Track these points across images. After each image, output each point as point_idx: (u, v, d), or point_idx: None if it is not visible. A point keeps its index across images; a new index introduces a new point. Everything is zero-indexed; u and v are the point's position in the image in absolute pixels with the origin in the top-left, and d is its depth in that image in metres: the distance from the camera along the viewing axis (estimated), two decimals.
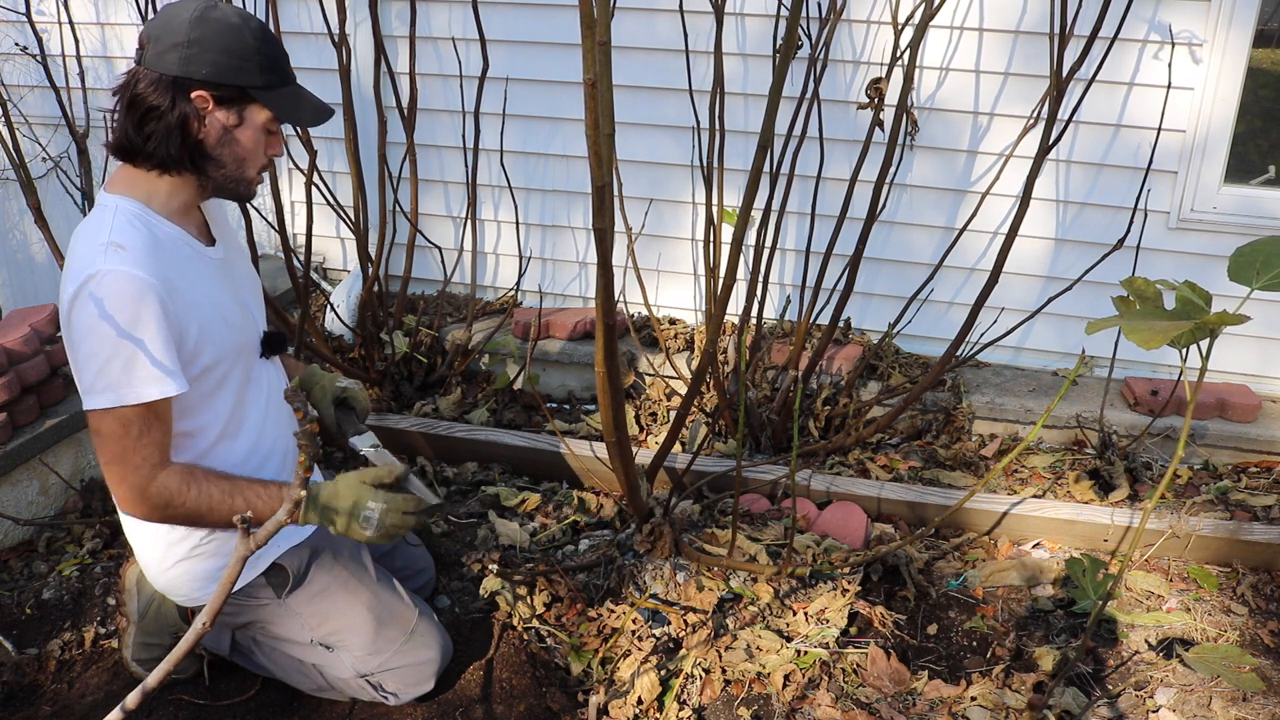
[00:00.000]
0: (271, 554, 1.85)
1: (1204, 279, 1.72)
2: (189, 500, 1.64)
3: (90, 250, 1.55)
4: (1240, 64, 2.89)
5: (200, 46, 1.57)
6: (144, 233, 1.60)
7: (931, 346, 3.42)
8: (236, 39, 1.59)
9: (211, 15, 1.59)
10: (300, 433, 0.91)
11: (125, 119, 1.61)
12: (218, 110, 1.62)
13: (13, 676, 2.05)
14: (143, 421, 1.58)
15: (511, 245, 3.72)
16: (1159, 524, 2.47)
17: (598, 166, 1.62)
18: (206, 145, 1.63)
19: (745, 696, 2.00)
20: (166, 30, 1.58)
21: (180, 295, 1.61)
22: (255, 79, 1.61)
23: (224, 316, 1.71)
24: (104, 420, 1.58)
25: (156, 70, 1.58)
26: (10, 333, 2.55)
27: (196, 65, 1.57)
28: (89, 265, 1.53)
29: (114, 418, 1.57)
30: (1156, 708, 1.99)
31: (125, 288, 1.53)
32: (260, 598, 1.86)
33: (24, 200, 2.71)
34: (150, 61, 1.59)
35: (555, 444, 2.77)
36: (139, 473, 1.61)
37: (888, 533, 2.56)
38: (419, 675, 1.94)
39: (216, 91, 1.60)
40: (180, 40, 1.57)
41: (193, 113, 1.60)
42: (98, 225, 1.59)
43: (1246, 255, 1.51)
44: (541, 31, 3.39)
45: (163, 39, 1.58)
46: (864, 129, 2.88)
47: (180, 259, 1.65)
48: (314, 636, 1.91)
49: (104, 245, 1.55)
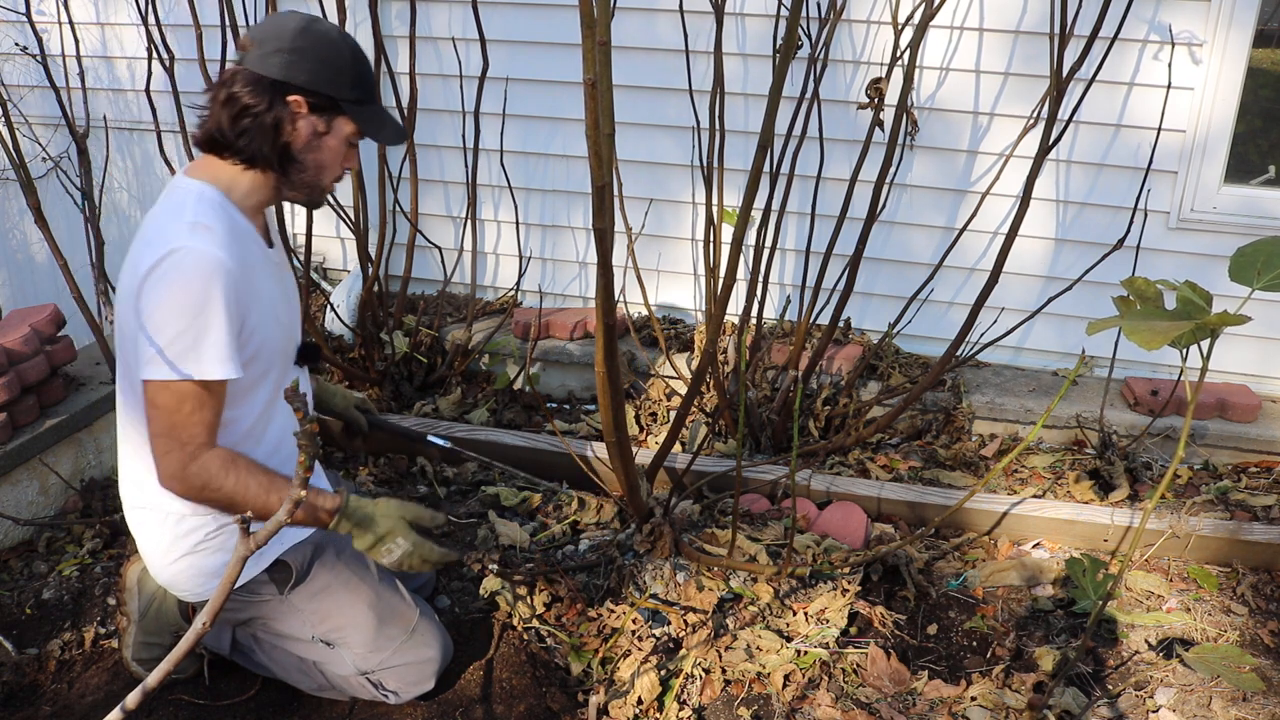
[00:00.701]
0: (275, 551, 1.85)
1: (1204, 279, 1.72)
2: (225, 486, 1.66)
3: (175, 226, 1.61)
4: (1240, 64, 2.89)
5: (302, 55, 1.66)
6: (225, 220, 1.67)
7: (931, 346, 3.42)
8: (335, 53, 1.69)
9: (316, 28, 1.69)
10: (300, 433, 0.91)
11: (220, 113, 1.68)
12: (309, 116, 1.70)
13: (13, 676, 2.05)
14: (198, 399, 1.62)
15: (511, 245, 3.72)
16: (1159, 524, 2.47)
17: (598, 166, 1.63)
18: (294, 148, 1.71)
19: (745, 696, 2.00)
20: (272, 36, 1.66)
21: (247, 285, 1.66)
22: (347, 92, 1.71)
23: (276, 316, 1.76)
24: (162, 392, 1.61)
25: (258, 71, 1.66)
26: (10, 333, 2.55)
27: (296, 71, 1.66)
28: (173, 240, 1.58)
29: (172, 391, 1.60)
30: (1156, 708, 1.99)
31: (206, 267, 1.58)
32: (263, 594, 1.87)
33: (24, 200, 2.71)
34: (252, 63, 1.66)
35: (555, 444, 2.77)
36: (185, 449, 1.64)
37: (888, 533, 2.56)
38: (419, 674, 1.94)
39: (311, 98, 1.68)
40: (285, 47, 1.65)
41: (286, 115, 1.68)
42: (180, 205, 1.65)
43: (1247, 255, 1.51)
44: (541, 31, 3.39)
45: (267, 43, 1.66)
46: (864, 129, 2.88)
47: (250, 253, 1.71)
48: (316, 633, 1.91)
49: (190, 224, 1.61)
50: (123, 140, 4.00)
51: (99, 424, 2.74)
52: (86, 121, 3.37)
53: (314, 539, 1.90)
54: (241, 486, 1.67)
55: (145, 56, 3.21)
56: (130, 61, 3.88)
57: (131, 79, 3.90)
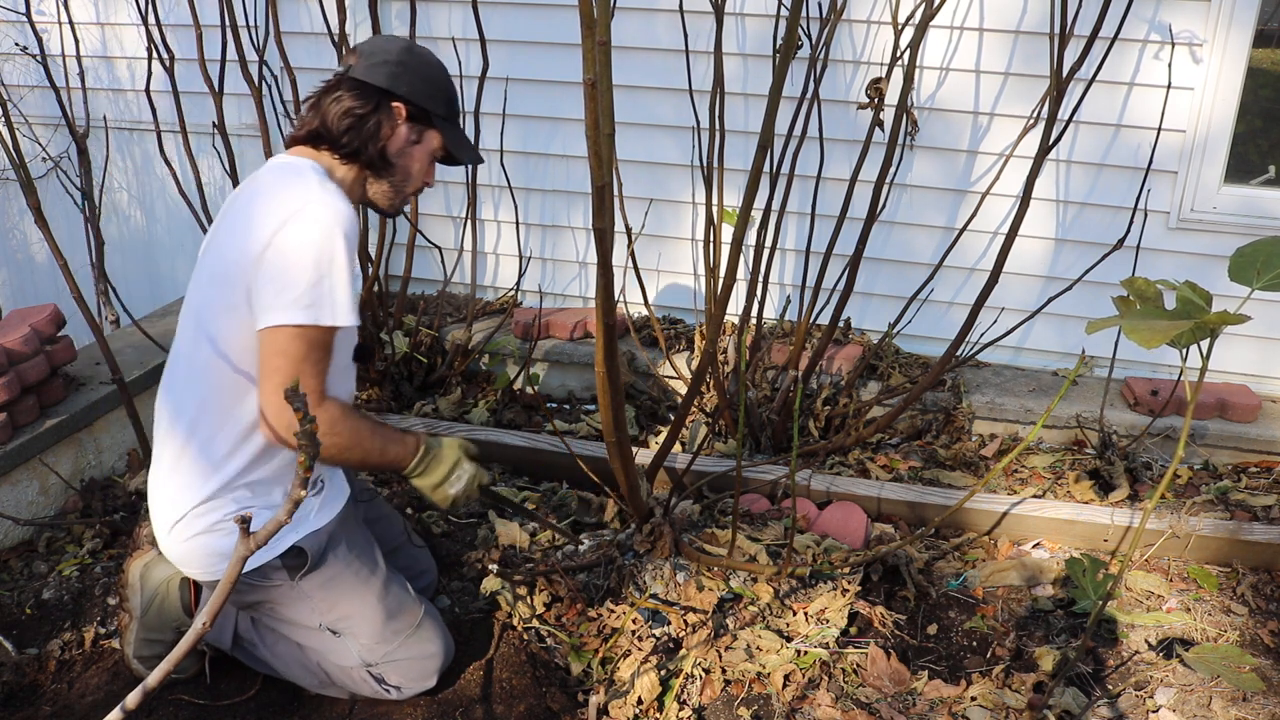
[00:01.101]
0: (292, 537, 1.86)
1: (1204, 279, 1.72)
2: (345, 431, 1.77)
3: (304, 184, 1.72)
4: (1240, 64, 2.89)
5: (406, 69, 1.84)
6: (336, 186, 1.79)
7: (931, 346, 3.42)
8: (434, 72, 1.88)
9: (418, 49, 1.89)
10: (300, 433, 0.91)
11: (326, 112, 1.81)
12: (406, 124, 1.86)
13: (13, 676, 2.05)
14: (323, 347, 1.72)
15: (511, 245, 3.72)
16: (1159, 524, 2.47)
17: (598, 166, 1.63)
18: (389, 150, 1.86)
19: (745, 696, 2.00)
20: (380, 50, 1.84)
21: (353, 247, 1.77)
22: (441, 108, 1.89)
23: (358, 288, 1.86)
24: (295, 340, 1.68)
25: (365, 79, 1.82)
26: (10, 333, 2.55)
27: (401, 82, 1.83)
28: (307, 195, 1.70)
29: (305, 337, 1.68)
30: (1156, 708, 1.99)
31: (339, 220, 1.70)
32: (274, 579, 1.87)
33: (24, 200, 2.71)
34: (359, 72, 1.82)
35: (555, 444, 2.77)
36: (309, 398, 1.72)
37: (888, 533, 2.56)
38: (422, 670, 1.95)
39: (410, 108, 1.85)
40: (392, 60, 1.83)
41: (387, 120, 1.83)
42: (300, 170, 1.77)
43: (1247, 255, 1.51)
44: (541, 31, 3.39)
45: (375, 55, 1.83)
46: (864, 129, 2.88)
47: None
48: (323, 621, 1.92)
49: (319, 183, 1.74)
50: (123, 140, 4.00)
51: (99, 424, 2.74)
52: (86, 121, 3.37)
53: (328, 528, 1.91)
54: (357, 431, 1.78)
55: (145, 56, 3.21)
56: (130, 61, 3.88)
57: (131, 79, 3.90)
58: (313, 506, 1.91)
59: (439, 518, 2.59)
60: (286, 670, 2.01)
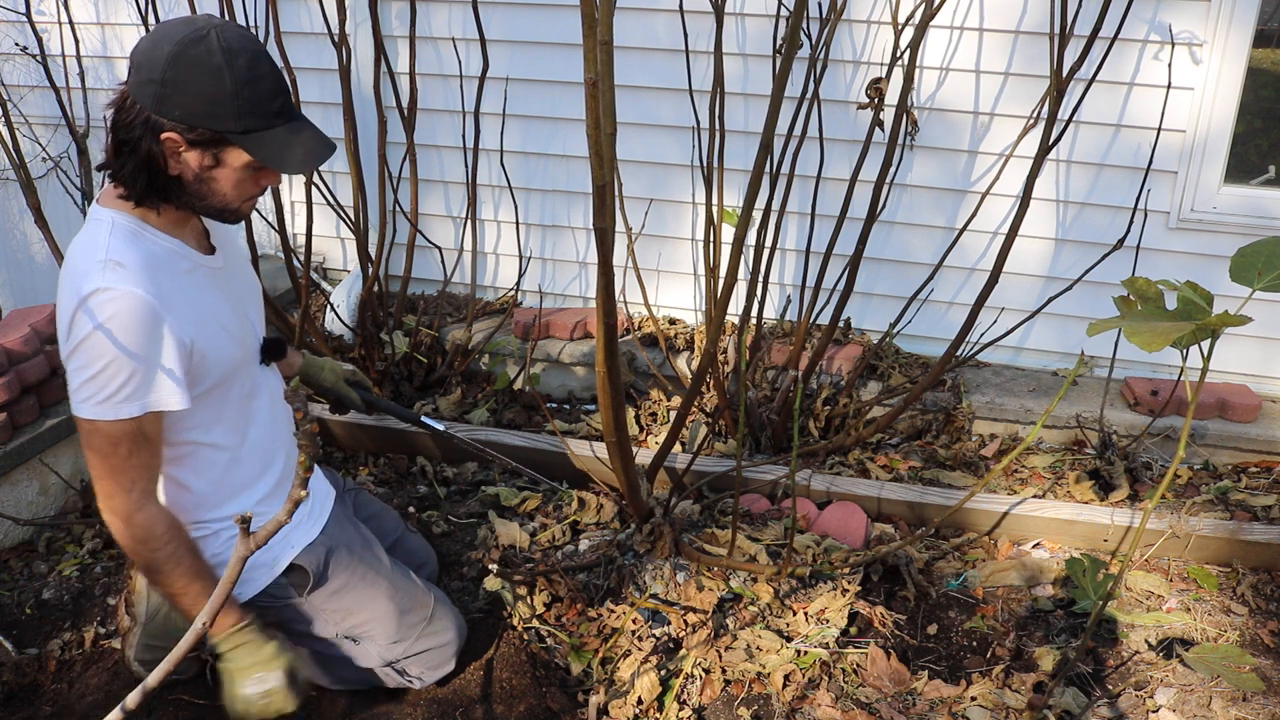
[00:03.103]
0: (288, 555, 1.86)
1: (1204, 279, 1.72)
2: (165, 551, 1.63)
3: (88, 266, 1.53)
4: (1240, 64, 2.89)
5: (173, 88, 1.48)
6: (140, 249, 1.58)
7: (931, 346, 3.41)
8: (213, 83, 1.48)
9: (190, 54, 1.48)
10: (300, 433, 0.91)
11: (109, 139, 1.57)
12: (191, 151, 1.54)
13: (13, 676, 2.05)
14: (131, 440, 1.57)
15: (511, 245, 3.71)
16: (1159, 524, 2.47)
17: (598, 166, 1.62)
18: (184, 181, 1.58)
19: (745, 696, 2.00)
20: (145, 62, 1.50)
21: (179, 310, 1.59)
22: (232, 125, 1.51)
23: (224, 326, 1.70)
24: (94, 434, 1.56)
25: (136, 101, 1.52)
26: (10, 333, 2.55)
27: (169, 107, 1.49)
28: (88, 281, 1.52)
29: (101, 432, 1.55)
30: (1156, 708, 1.99)
31: (123, 306, 1.51)
32: (282, 598, 1.88)
33: (24, 200, 2.71)
34: (131, 89, 1.52)
35: (555, 444, 2.77)
36: (129, 497, 1.60)
37: (888, 533, 2.56)
38: (440, 657, 1.97)
39: (190, 135, 1.52)
40: (155, 78, 1.48)
41: (160, 153, 1.53)
42: (93, 241, 1.57)
43: (1248, 255, 1.51)
44: (541, 31, 3.39)
45: (142, 70, 1.50)
46: (864, 129, 2.88)
47: (177, 273, 1.63)
48: (339, 631, 1.93)
49: (102, 263, 1.53)
50: None
51: None
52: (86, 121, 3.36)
53: (324, 540, 1.91)
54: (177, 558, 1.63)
55: None
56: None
57: None
58: (300, 517, 1.91)
59: (439, 517, 2.59)
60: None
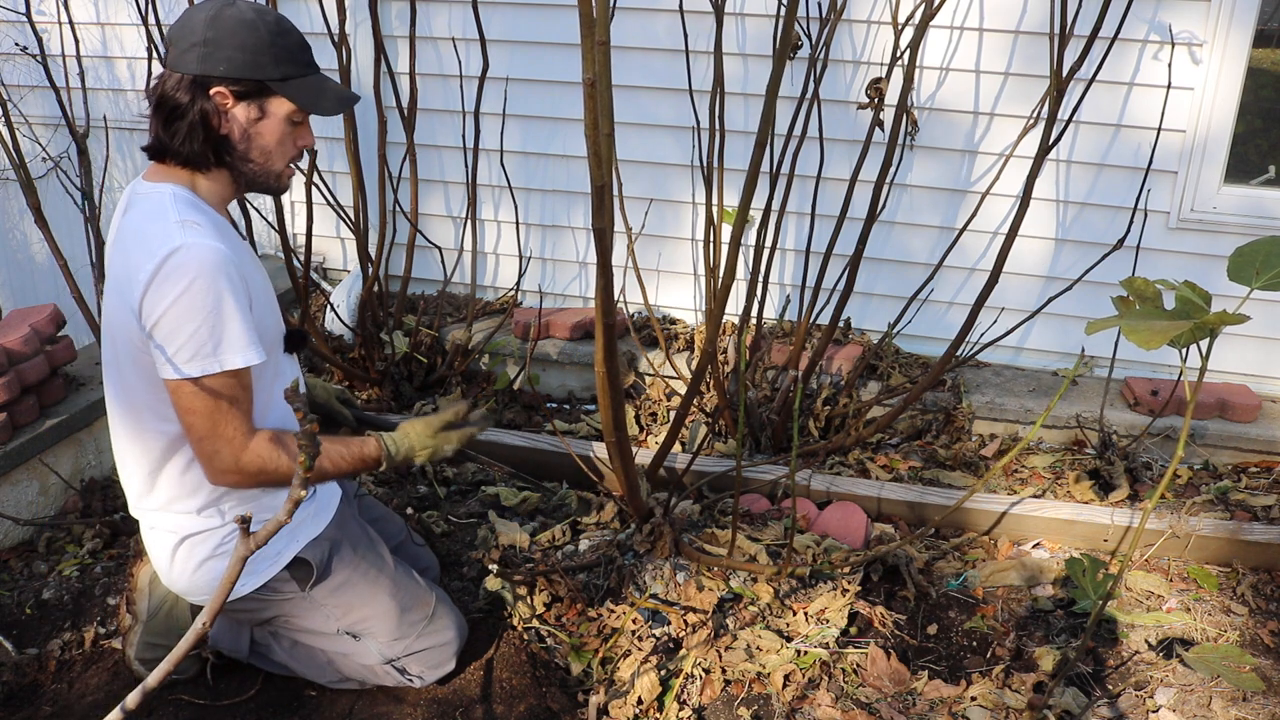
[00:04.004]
0: (293, 549, 1.86)
1: (1204, 279, 1.72)
2: (281, 464, 1.70)
3: (164, 229, 1.60)
4: (1240, 64, 2.89)
5: (215, 45, 1.62)
6: (206, 214, 1.67)
7: (931, 346, 3.42)
8: (251, 34, 1.63)
9: (226, 13, 1.63)
10: (300, 433, 0.91)
11: (154, 119, 1.67)
12: (238, 105, 1.66)
13: (13, 676, 2.05)
14: (231, 391, 1.63)
15: (511, 245, 3.72)
16: (1159, 524, 2.47)
17: (597, 166, 1.63)
18: (232, 140, 1.68)
19: (745, 696, 2.00)
20: (184, 32, 1.63)
21: (245, 272, 1.66)
22: (272, 72, 1.66)
23: (268, 300, 1.77)
24: (195, 395, 1.61)
25: (179, 71, 1.64)
26: (10, 333, 2.55)
27: (213, 63, 1.62)
28: (168, 241, 1.58)
29: (205, 389, 1.61)
30: (1156, 708, 1.99)
31: (208, 259, 1.58)
32: (284, 592, 1.88)
33: (24, 200, 2.71)
34: (172, 63, 1.64)
35: (555, 444, 2.77)
36: (233, 445, 1.65)
37: (888, 533, 2.56)
38: (440, 656, 1.98)
39: (235, 87, 1.64)
40: (197, 40, 1.62)
41: (213, 109, 1.65)
42: (159, 209, 1.63)
43: (1246, 255, 1.51)
44: (541, 31, 3.39)
45: (181, 40, 1.63)
46: (864, 129, 2.88)
47: (236, 241, 1.72)
48: (340, 626, 1.93)
49: (178, 223, 1.60)
50: (123, 140, 4.00)
51: (99, 424, 2.74)
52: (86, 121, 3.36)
53: (328, 535, 1.91)
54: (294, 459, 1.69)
55: (145, 56, 3.21)
56: (130, 61, 3.89)
57: (131, 79, 3.90)
58: (308, 513, 1.91)
59: (439, 517, 2.59)
60: (304, 671, 2.01)
